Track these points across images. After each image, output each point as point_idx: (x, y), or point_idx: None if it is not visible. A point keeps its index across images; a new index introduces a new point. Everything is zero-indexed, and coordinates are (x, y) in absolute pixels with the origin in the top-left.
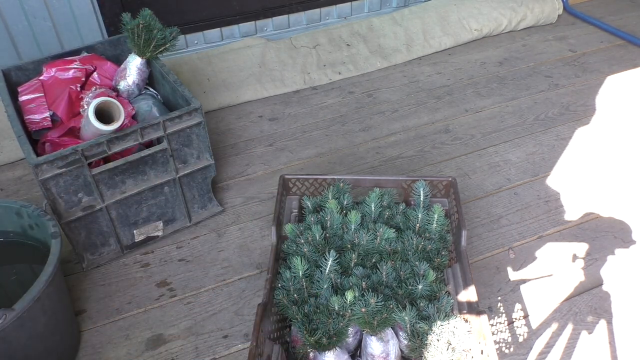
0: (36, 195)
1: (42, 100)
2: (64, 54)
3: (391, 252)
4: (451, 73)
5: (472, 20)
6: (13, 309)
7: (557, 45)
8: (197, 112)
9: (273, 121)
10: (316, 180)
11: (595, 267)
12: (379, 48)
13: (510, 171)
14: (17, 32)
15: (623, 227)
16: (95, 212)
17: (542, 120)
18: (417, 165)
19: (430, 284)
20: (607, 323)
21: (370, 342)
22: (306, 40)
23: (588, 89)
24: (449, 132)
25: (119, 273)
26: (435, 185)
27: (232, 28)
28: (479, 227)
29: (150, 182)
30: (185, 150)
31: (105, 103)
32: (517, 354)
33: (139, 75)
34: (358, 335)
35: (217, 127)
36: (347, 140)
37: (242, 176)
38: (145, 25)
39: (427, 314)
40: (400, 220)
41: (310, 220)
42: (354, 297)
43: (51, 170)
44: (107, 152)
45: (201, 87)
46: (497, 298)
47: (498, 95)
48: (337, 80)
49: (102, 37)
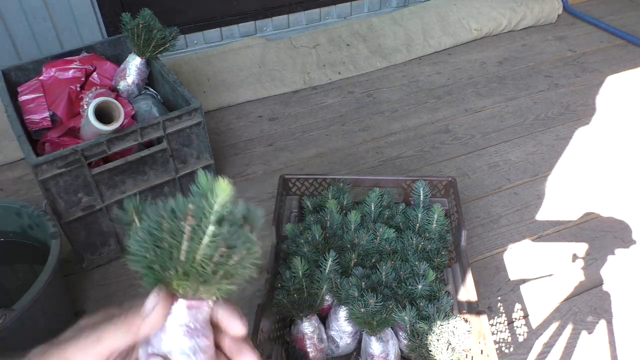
0: (36, 195)
1: (42, 100)
2: (63, 54)
3: (391, 252)
4: (451, 73)
5: (472, 20)
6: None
7: (556, 45)
8: (197, 112)
9: (273, 121)
10: (316, 180)
11: (595, 267)
12: (379, 48)
13: (510, 171)
14: (17, 32)
15: (623, 227)
16: (95, 212)
17: (542, 120)
18: (417, 165)
19: (430, 283)
20: (607, 323)
21: (370, 342)
22: (306, 40)
23: (588, 88)
24: (449, 132)
25: (119, 273)
26: (435, 185)
27: (232, 28)
28: (479, 227)
29: (150, 182)
30: (185, 150)
31: (105, 103)
32: (517, 354)
33: (138, 75)
34: (358, 335)
35: (217, 127)
36: (347, 140)
37: (242, 176)
38: (145, 25)
39: (426, 314)
40: (400, 220)
41: (310, 220)
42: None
43: (51, 170)
44: (106, 152)
45: (201, 87)
46: (497, 298)
47: (498, 95)
48: (337, 80)
49: (101, 37)
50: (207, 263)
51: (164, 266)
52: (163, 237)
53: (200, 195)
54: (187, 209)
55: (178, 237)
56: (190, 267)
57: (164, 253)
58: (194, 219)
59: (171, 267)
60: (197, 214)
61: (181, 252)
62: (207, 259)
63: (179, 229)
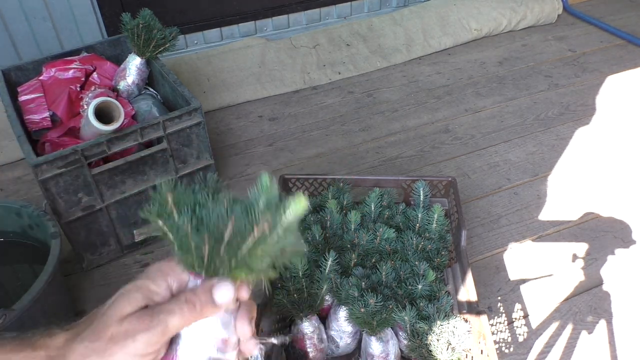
0: (36, 195)
1: (42, 100)
2: (63, 54)
3: (391, 252)
4: (451, 73)
5: (472, 20)
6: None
7: (556, 45)
8: (197, 112)
9: (273, 121)
10: (316, 180)
11: (595, 267)
12: (379, 48)
13: (510, 171)
14: (17, 32)
15: (623, 227)
16: (95, 212)
17: (542, 120)
18: (417, 165)
19: (430, 283)
20: (607, 323)
21: (370, 342)
22: (306, 40)
23: (588, 89)
24: (449, 132)
25: (119, 273)
26: (435, 185)
27: (232, 28)
28: (479, 227)
29: (150, 182)
30: (185, 150)
31: (105, 103)
32: (517, 354)
33: (138, 75)
34: (358, 335)
35: (217, 127)
36: (347, 140)
37: (242, 176)
38: (145, 25)
39: (426, 314)
40: (400, 220)
41: (310, 220)
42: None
43: (51, 170)
44: (106, 152)
45: (201, 87)
46: (497, 298)
47: (498, 95)
48: (337, 80)
49: (101, 37)
50: (264, 257)
51: (213, 255)
52: (220, 231)
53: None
54: (261, 215)
55: (241, 235)
56: (246, 259)
57: (217, 244)
58: (268, 226)
59: (225, 257)
60: (269, 221)
61: (242, 248)
62: (265, 254)
63: (244, 229)
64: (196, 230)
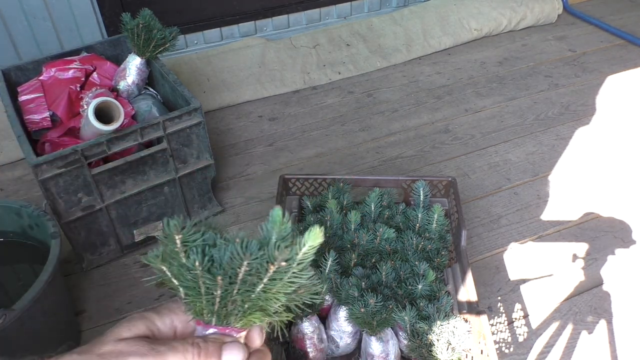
0: (36, 195)
1: (42, 100)
2: (63, 54)
3: (391, 252)
4: (451, 73)
5: (472, 20)
6: (13, 309)
7: (557, 45)
8: (197, 112)
9: (273, 121)
10: (316, 180)
11: (595, 267)
12: (379, 48)
13: (510, 171)
14: (17, 32)
15: (623, 227)
16: (95, 212)
17: (542, 120)
18: (417, 165)
19: (430, 283)
20: (607, 323)
21: (370, 342)
22: (306, 40)
23: (588, 88)
24: (449, 132)
25: (119, 273)
26: (435, 185)
27: (232, 28)
28: (479, 227)
29: (150, 182)
30: (185, 150)
31: (105, 103)
32: (517, 354)
33: (138, 75)
34: (358, 335)
35: (217, 127)
36: (347, 140)
37: (241, 176)
38: (145, 25)
39: (426, 314)
40: (400, 220)
41: (310, 220)
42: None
43: (51, 170)
44: (106, 152)
45: (201, 87)
46: (497, 298)
47: (498, 95)
48: (337, 80)
49: (101, 37)
50: (279, 297)
51: (226, 297)
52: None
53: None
54: (277, 251)
55: (257, 273)
56: (260, 300)
57: (230, 284)
58: (284, 261)
59: (238, 299)
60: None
61: (257, 288)
62: (280, 294)
63: (260, 266)
64: (207, 271)
